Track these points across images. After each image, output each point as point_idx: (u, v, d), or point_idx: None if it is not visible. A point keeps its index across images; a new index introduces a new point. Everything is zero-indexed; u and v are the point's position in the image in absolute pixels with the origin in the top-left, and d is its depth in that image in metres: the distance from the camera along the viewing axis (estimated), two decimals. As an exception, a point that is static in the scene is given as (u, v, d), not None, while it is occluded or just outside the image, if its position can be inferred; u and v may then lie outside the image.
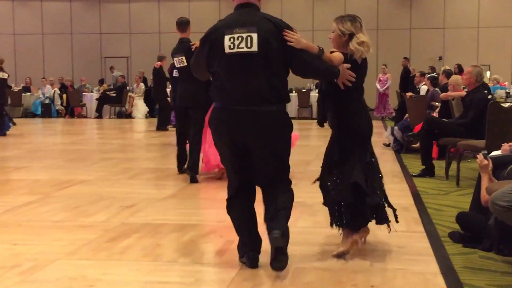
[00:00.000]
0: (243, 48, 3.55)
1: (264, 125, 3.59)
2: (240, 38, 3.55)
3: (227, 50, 3.57)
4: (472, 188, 4.78)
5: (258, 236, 3.80)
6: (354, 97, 3.93)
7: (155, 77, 14.59)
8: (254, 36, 3.54)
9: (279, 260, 3.49)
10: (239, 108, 3.58)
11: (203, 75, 3.93)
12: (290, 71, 3.72)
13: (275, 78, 3.62)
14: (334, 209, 3.99)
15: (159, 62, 14.19)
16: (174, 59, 7.33)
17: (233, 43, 3.56)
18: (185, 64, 6.97)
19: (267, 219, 3.65)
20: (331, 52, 3.88)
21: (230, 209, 3.81)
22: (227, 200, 3.82)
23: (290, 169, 3.82)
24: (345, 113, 3.92)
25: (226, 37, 3.57)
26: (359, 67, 3.90)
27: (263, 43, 3.54)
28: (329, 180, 3.96)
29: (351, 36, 3.88)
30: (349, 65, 3.82)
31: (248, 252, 3.74)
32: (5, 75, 13.49)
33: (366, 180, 3.87)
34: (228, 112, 3.62)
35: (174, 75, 8.47)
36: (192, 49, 6.43)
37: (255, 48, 3.54)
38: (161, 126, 14.08)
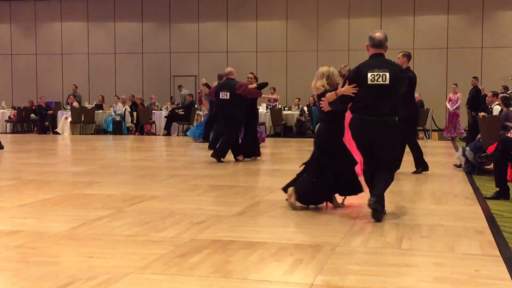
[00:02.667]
0: (380, 81, 5.69)
1: (385, 128, 5.70)
2: (378, 75, 5.69)
3: (369, 82, 5.71)
4: (551, 212, 4.62)
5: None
6: None
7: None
8: (387, 74, 5.70)
9: (374, 215, 5.56)
10: (372, 119, 5.69)
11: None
12: None
13: (395, 101, 5.77)
14: None
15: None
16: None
17: (374, 77, 5.70)
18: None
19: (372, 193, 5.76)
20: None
21: (365, 178, 5.98)
22: (363, 173, 6.03)
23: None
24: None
25: (369, 74, 5.72)
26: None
27: (392, 79, 5.70)
28: None
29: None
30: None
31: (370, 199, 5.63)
32: None
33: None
34: (364, 121, 5.73)
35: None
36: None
37: (387, 82, 5.69)
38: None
